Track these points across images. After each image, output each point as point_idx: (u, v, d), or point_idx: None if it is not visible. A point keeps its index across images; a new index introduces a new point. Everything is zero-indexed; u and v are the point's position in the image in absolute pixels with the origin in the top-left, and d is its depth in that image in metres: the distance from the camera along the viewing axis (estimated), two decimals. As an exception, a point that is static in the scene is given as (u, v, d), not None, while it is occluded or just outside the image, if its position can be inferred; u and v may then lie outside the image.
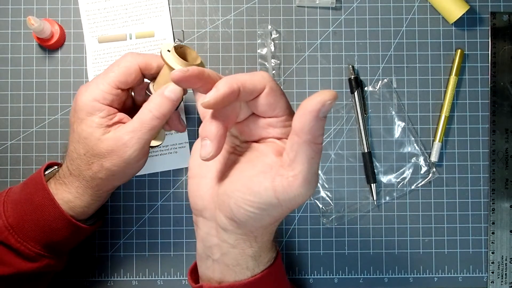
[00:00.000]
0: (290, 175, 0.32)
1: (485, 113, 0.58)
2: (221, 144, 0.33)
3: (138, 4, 0.57)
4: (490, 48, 0.58)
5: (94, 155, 0.43)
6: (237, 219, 0.34)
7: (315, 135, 0.31)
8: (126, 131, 0.42)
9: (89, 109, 0.43)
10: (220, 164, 0.37)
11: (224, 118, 0.33)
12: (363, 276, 0.57)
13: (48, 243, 0.46)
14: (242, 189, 0.33)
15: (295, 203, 0.33)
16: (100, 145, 0.43)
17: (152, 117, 0.42)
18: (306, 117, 0.30)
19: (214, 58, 0.58)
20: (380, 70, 0.58)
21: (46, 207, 0.45)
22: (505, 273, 0.57)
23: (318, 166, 0.33)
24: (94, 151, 0.43)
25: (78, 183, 0.45)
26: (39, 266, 0.46)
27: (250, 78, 0.33)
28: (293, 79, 0.58)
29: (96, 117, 0.43)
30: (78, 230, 0.47)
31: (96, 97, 0.43)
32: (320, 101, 0.30)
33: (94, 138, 0.43)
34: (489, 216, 0.58)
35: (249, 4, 0.58)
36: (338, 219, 0.57)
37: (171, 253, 0.57)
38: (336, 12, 0.58)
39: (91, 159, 0.43)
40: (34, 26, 0.52)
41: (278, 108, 0.34)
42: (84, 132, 0.43)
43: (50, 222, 0.45)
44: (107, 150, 0.43)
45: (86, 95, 0.43)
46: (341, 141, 0.58)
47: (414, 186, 0.58)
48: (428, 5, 0.58)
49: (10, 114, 0.57)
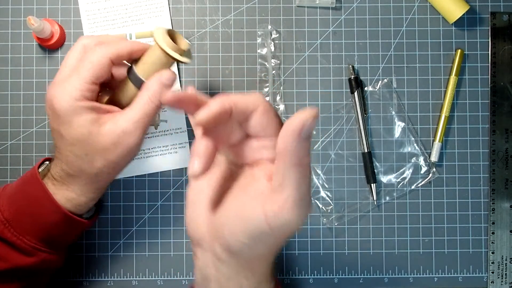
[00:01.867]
0: (279, 200, 0.31)
1: (485, 113, 0.58)
2: (209, 162, 0.32)
3: (138, 4, 0.57)
4: (490, 48, 0.58)
5: (96, 152, 0.43)
6: (232, 249, 0.33)
7: (299, 157, 0.30)
8: (129, 121, 0.42)
9: (73, 110, 0.42)
10: (215, 190, 0.36)
11: (215, 137, 0.33)
12: (363, 276, 0.57)
13: (45, 237, 0.46)
14: (235, 217, 0.33)
15: (288, 229, 0.32)
16: (102, 140, 0.42)
17: (153, 105, 0.43)
18: (288, 138, 0.29)
19: (214, 58, 0.58)
20: (380, 70, 0.58)
21: (41, 200, 0.45)
22: (505, 273, 0.57)
23: (309, 188, 0.32)
24: (97, 148, 0.42)
25: (80, 181, 0.45)
26: (36, 261, 0.46)
27: (243, 98, 0.33)
28: (293, 79, 0.58)
29: (84, 115, 0.42)
30: (75, 224, 0.47)
31: (76, 97, 0.42)
32: (301, 121, 0.29)
33: (93, 136, 0.42)
34: (489, 216, 0.58)
35: (249, 4, 0.58)
36: (338, 219, 0.57)
37: (171, 253, 0.57)
38: (336, 12, 0.58)
39: (94, 157, 0.43)
40: (34, 26, 0.52)
41: (269, 128, 0.34)
42: (77, 134, 0.42)
43: (46, 216, 0.45)
44: (112, 142, 0.42)
45: (63, 97, 0.42)
46: (341, 141, 0.58)
47: (414, 186, 0.58)
48: (428, 5, 0.58)
49: (10, 114, 0.57)
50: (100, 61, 0.43)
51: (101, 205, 0.56)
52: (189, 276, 0.57)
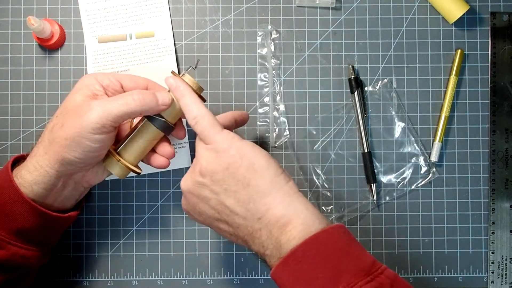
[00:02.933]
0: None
1: (485, 113, 0.58)
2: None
3: (138, 4, 0.57)
4: (490, 48, 0.58)
5: (61, 113, 0.46)
6: None
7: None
8: (98, 100, 0.45)
9: (87, 86, 0.47)
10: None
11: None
12: (363, 276, 0.57)
13: (15, 230, 0.45)
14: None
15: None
16: (70, 104, 0.46)
17: (133, 98, 0.45)
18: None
19: (214, 58, 0.58)
20: (380, 70, 0.58)
21: (5, 189, 0.45)
22: (505, 273, 0.57)
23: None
24: (64, 109, 0.46)
25: (52, 149, 0.45)
26: (7, 254, 0.45)
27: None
28: (293, 79, 0.58)
29: (87, 89, 0.47)
30: (48, 217, 0.47)
31: (100, 81, 0.47)
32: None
33: (72, 100, 0.46)
34: (489, 216, 0.58)
35: (249, 4, 0.58)
36: (338, 219, 0.57)
37: (171, 253, 0.57)
38: (336, 12, 0.58)
39: (59, 118, 0.45)
40: (34, 26, 0.52)
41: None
42: (69, 99, 0.46)
43: (10, 205, 0.45)
44: (72, 109, 0.45)
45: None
46: (341, 141, 0.58)
47: (414, 186, 0.58)
48: (428, 5, 0.58)
49: (10, 114, 0.57)
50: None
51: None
52: (189, 276, 0.57)
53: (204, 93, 0.48)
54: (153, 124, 0.47)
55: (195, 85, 0.47)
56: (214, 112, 0.46)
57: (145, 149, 0.48)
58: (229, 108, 0.57)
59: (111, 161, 0.47)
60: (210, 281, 0.57)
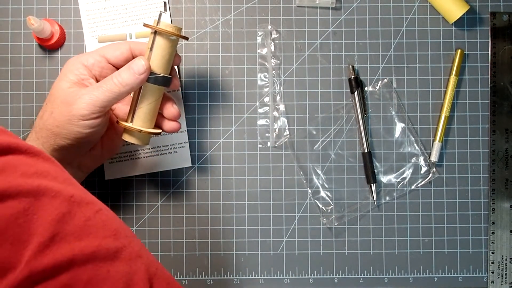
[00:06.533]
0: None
1: (485, 113, 0.58)
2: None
3: (138, 4, 0.57)
4: (490, 48, 0.58)
5: (50, 100, 0.46)
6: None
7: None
8: (85, 89, 0.46)
9: (71, 68, 0.47)
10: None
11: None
12: (363, 276, 0.57)
13: None
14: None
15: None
16: (58, 92, 0.46)
17: (114, 82, 0.45)
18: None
19: (214, 58, 0.58)
20: (380, 70, 0.58)
21: None
22: (505, 273, 0.57)
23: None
24: (52, 96, 0.46)
25: (40, 144, 0.46)
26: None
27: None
28: (293, 79, 0.58)
29: (72, 74, 0.47)
30: None
31: (84, 62, 0.47)
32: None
33: (59, 88, 0.46)
34: (489, 216, 0.58)
35: (249, 4, 0.58)
36: (338, 219, 0.57)
37: (171, 253, 0.57)
38: (336, 12, 0.58)
39: (48, 106, 0.46)
40: (34, 26, 0.52)
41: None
42: (56, 86, 0.46)
43: None
44: (59, 96, 0.45)
45: (75, 59, 0.47)
46: (341, 141, 0.58)
47: (414, 186, 0.58)
48: (428, 5, 0.58)
49: (10, 114, 0.57)
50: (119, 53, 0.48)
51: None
52: (189, 276, 0.57)
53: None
54: (151, 83, 0.47)
55: (173, 28, 0.46)
56: (213, 112, 0.46)
57: (155, 109, 0.48)
58: (229, 108, 0.58)
59: (132, 134, 0.48)
60: (210, 281, 0.57)
